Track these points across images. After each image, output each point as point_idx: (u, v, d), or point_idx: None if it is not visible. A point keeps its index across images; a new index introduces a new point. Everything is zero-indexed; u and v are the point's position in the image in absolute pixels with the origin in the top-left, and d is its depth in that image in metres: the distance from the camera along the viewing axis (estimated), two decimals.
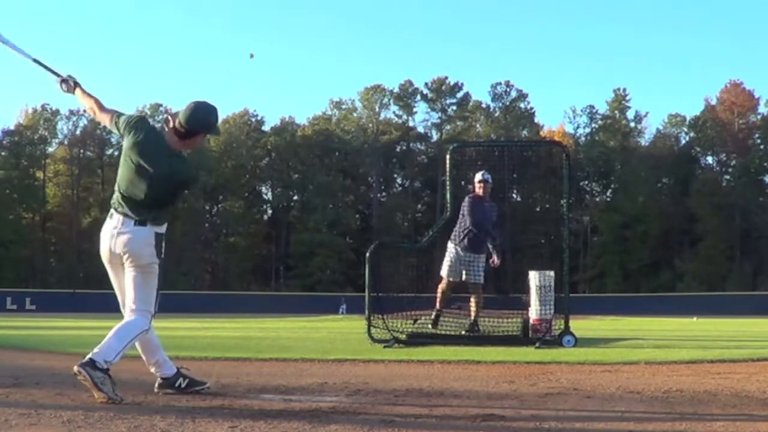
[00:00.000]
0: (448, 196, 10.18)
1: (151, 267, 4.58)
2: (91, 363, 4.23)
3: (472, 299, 9.77)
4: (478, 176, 9.92)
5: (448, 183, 10.24)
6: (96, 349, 4.33)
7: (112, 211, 4.61)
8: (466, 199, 9.93)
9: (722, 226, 61.94)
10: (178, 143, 4.58)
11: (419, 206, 71.87)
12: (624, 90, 69.61)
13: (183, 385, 4.67)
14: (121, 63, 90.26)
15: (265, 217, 72.10)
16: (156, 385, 4.70)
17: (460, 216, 9.85)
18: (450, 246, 9.86)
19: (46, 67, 5.00)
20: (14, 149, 65.70)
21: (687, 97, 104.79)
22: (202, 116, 4.58)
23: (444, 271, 9.85)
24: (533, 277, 9.28)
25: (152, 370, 4.72)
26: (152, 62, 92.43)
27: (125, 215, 4.54)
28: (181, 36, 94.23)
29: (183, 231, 61.76)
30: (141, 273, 4.57)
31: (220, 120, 4.84)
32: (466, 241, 9.75)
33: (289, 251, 65.28)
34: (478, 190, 9.90)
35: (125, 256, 4.56)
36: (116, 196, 4.60)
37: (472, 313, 9.75)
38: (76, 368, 4.22)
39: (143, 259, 4.55)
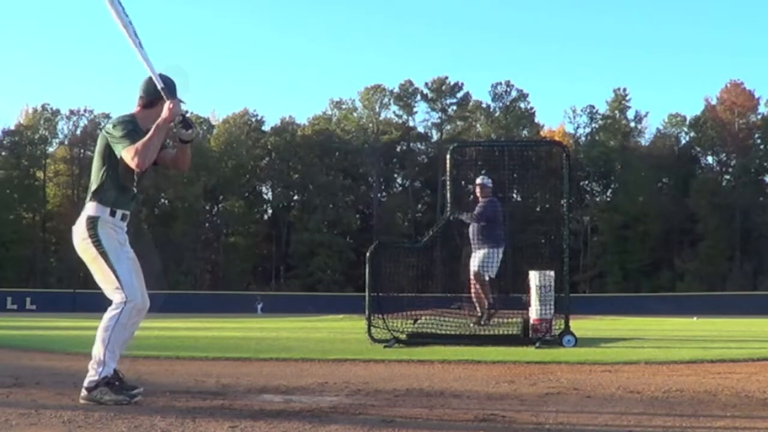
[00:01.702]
0: (448, 196, 10.21)
1: (87, 252, 4.41)
2: (85, 390, 4.31)
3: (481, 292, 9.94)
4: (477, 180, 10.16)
5: (448, 183, 10.27)
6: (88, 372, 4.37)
7: None
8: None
9: (722, 226, 61.93)
10: (147, 116, 4.53)
11: (419, 206, 71.84)
12: (624, 90, 69.69)
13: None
14: (120, 63, 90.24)
15: (265, 217, 72.08)
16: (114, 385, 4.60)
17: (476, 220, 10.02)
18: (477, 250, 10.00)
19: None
20: (14, 149, 65.71)
21: (687, 97, 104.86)
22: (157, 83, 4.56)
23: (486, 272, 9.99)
24: (533, 277, 9.28)
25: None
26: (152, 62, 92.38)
27: None
28: (181, 36, 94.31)
29: (183, 231, 61.78)
30: (89, 264, 4.46)
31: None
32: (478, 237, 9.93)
33: (289, 251, 65.27)
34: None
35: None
36: None
37: (483, 305, 9.91)
38: (81, 401, 4.29)
39: (78, 247, 4.46)
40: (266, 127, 70.69)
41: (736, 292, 51.42)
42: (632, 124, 70.11)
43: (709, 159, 70.12)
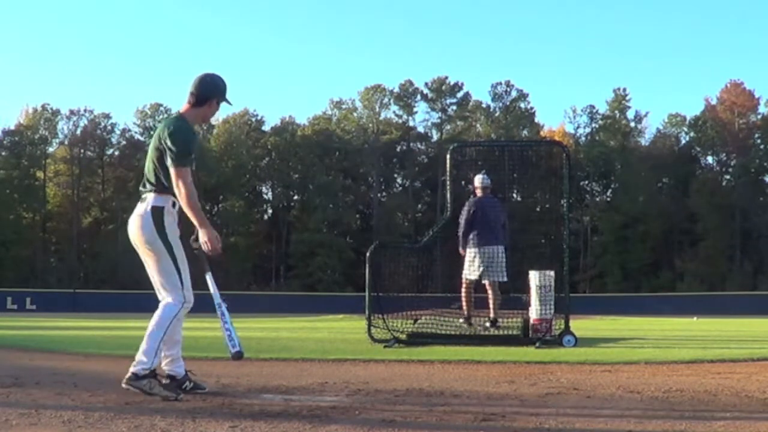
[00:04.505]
0: (448, 196, 10.21)
1: (154, 246, 4.48)
2: (134, 376, 4.37)
3: (491, 297, 9.87)
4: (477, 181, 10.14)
5: (448, 183, 10.27)
6: (135, 359, 4.43)
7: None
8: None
9: (722, 226, 61.91)
10: (196, 114, 4.68)
11: (419, 206, 71.82)
12: (624, 90, 69.63)
13: (188, 388, 4.69)
14: (120, 63, 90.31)
15: (266, 216, 72.08)
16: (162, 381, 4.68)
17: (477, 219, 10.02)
18: (472, 249, 9.99)
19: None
20: (14, 149, 65.66)
21: (687, 97, 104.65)
22: (210, 83, 4.70)
23: (467, 273, 10.00)
24: (533, 277, 9.28)
25: (163, 363, 4.68)
26: (152, 63, 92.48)
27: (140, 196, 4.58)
28: (181, 36, 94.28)
29: (183, 231, 61.76)
30: (150, 257, 4.53)
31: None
32: (476, 238, 9.91)
33: (289, 251, 65.26)
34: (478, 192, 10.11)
35: (133, 241, 4.57)
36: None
37: (492, 311, 9.85)
38: (124, 385, 4.37)
39: (142, 238, 4.50)
40: (266, 127, 70.71)
41: (736, 292, 51.37)
42: (632, 124, 70.07)
43: (709, 159, 70.12)
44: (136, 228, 4.50)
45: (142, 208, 4.50)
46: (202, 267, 4.76)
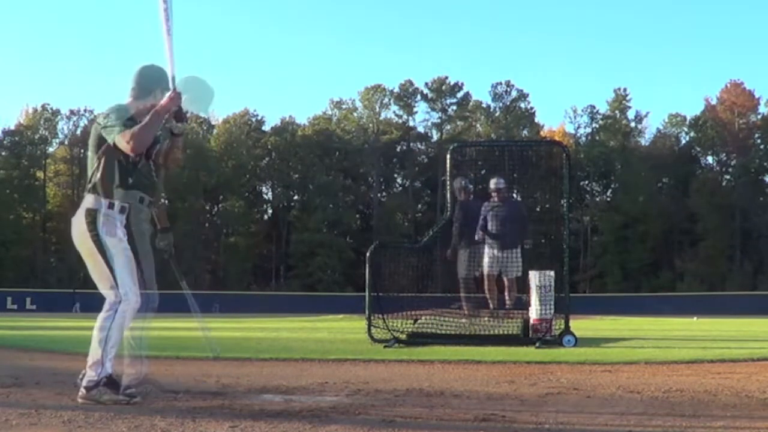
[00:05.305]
0: (448, 196, 10.23)
1: (84, 248, 4.38)
2: (84, 390, 4.31)
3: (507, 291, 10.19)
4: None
5: (448, 183, 10.29)
6: (84, 372, 4.36)
7: None
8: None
9: (722, 226, 61.91)
10: (139, 108, 4.55)
11: (419, 206, 71.84)
12: (624, 90, 69.64)
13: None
14: (120, 63, 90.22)
15: (266, 217, 72.08)
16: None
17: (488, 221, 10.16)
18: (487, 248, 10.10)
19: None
20: (14, 149, 65.70)
21: (687, 97, 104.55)
22: (151, 73, 4.65)
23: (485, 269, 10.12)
24: (533, 277, 9.29)
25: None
26: (151, 63, 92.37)
27: None
28: (180, 36, 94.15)
29: (183, 231, 61.76)
30: (85, 258, 4.42)
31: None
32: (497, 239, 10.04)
33: (289, 251, 65.27)
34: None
35: None
36: None
37: (508, 298, 10.14)
38: (79, 400, 4.29)
39: (76, 240, 4.42)
40: (266, 127, 70.69)
41: (736, 292, 51.35)
42: (632, 124, 70.08)
43: (709, 159, 70.13)
44: (72, 230, 4.43)
45: (78, 210, 4.42)
46: (176, 272, 4.73)
